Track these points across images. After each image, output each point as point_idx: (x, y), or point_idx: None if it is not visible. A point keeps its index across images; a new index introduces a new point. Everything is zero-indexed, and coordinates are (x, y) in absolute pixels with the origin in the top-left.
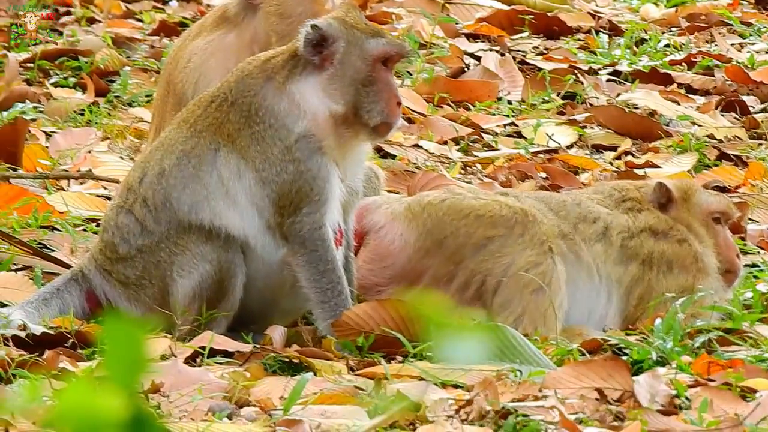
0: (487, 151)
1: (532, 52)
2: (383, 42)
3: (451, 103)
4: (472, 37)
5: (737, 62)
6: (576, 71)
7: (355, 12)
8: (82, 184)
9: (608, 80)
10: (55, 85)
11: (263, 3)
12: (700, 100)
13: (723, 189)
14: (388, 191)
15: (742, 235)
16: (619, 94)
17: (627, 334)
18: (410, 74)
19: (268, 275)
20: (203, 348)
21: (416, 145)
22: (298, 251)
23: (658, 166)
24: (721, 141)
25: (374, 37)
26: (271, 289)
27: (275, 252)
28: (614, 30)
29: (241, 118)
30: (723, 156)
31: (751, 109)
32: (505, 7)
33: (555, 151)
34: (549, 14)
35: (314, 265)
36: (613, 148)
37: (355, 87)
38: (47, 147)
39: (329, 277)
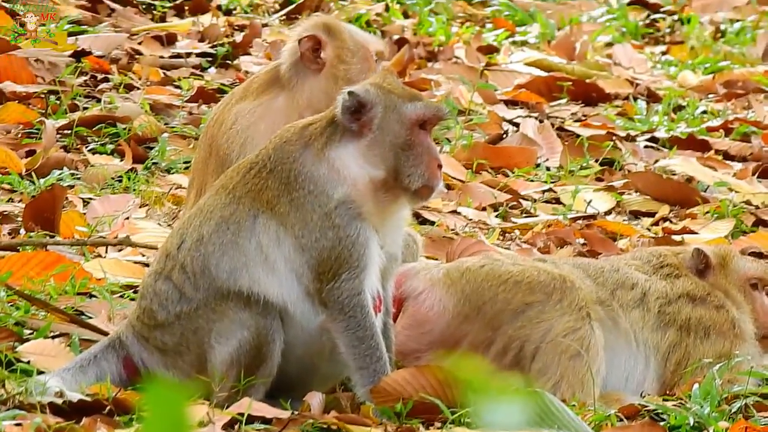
0: (525, 217)
1: (570, 118)
2: (420, 105)
3: (489, 170)
4: (511, 103)
5: None
6: (614, 137)
7: (392, 77)
8: (119, 251)
9: (646, 146)
10: (93, 151)
11: (328, 67)
12: (737, 166)
13: (760, 255)
14: (427, 257)
15: None
16: (657, 161)
17: (664, 400)
18: (449, 141)
19: (306, 341)
20: (241, 414)
21: (455, 212)
22: (336, 317)
23: (696, 232)
24: (758, 207)
25: (411, 101)
26: (310, 355)
27: (314, 318)
28: (652, 96)
29: (281, 184)
30: (760, 222)
31: None
32: (544, 74)
33: (593, 217)
34: (587, 81)
35: (353, 332)
36: (651, 214)
37: (395, 152)
38: (84, 214)
39: (368, 343)
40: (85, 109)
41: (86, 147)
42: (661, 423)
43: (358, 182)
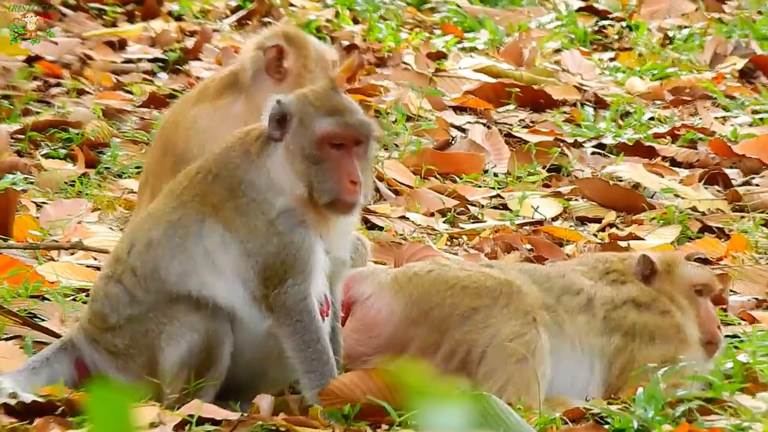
0: (473, 222)
1: (518, 124)
2: (329, 122)
3: (437, 176)
4: (459, 109)
5: (721, 136)
6: (561, 144)
7: (325, 86)
8: (72, 254)
9: (593, 153)
10: (46, 156)
11: (293, 76)
12: (684, 173)
13: (705, 261)
14: (375, 262)
15: (724, 307)
16: (603, 167)
17: (609, 404)
18: (397, 146)
19: (255, 345)
20: (191, 416)
21: (403, 217)
22: (283, 322)
23: (642, 239)
24: (704, 213)
25: (326, 116)
26: (258, 359)
27: (261, 323)
28: (600, 103)
29: (225, 190)
30: (706, 228)
31: (733, 182)
32: (492, 80)
33: (540, 223)
34: (535, 87)
35: (300, 336)
36: (598, 220)
37: (305, 167)
38: (38, 218)
39: (315, 347)
40: (37, 113)
41: (39, 151)
42: (606, 426)
43: (293, 192)
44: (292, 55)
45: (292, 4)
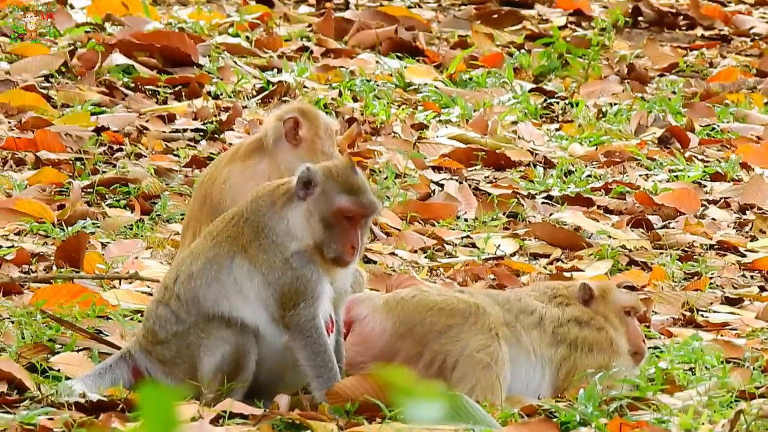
0: (448, 258)
1: (483, 180)
2: (348, 199)
3: (420, 221)
4: (437, 169)
5: (644, 189)
6: (518, 196)
7: (345, 166)
8: (130, 283)
9: (543, 203)
10: (110, 206)
11: (307, 142)
12: (615, 218)
13: (632, 288)
14: (371, 289)
15: (647, 324)
16: (551, 214)
17: (557, 401)
18: (388, 198)
19: (274, 356)
20: (225, 412)
21: (393, 253)
22: (297, 337)
23: (582, 270)
24: (631, 250)
25: (345, 194)
26: (277, 366)
27: (279, 338)
28: (548, 164)
29: (252, 232)
30: (632, 262)
31: (654, 225)
32: (463, 146)
33: (501, 258)
34: (497, 151)
35: (310, 348)
36: (547, 256)
37: (321, 227)
38: (103, 254)
39: (322, 357)
40: (104, 172)
41: (104, 202)
42: (554, 420)
43: (304, 239)
44: (305, 125)
45: (305, 86)
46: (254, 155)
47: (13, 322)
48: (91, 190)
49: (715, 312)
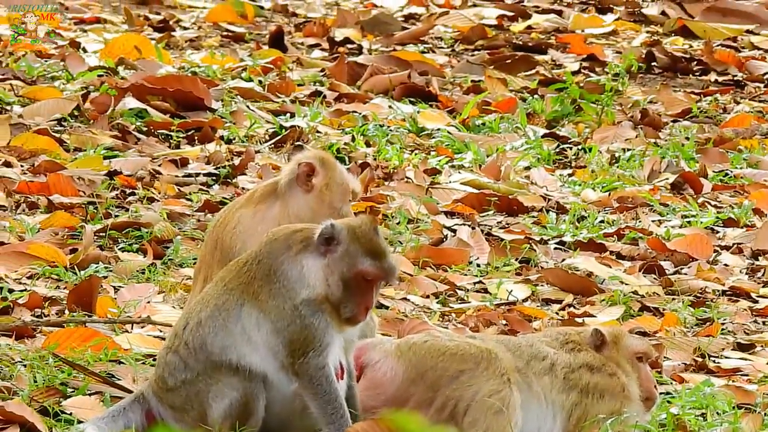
0: (460, 303)
1: (496, 226)
2: (370, 263)
3: (432, 266)
4: (450, 214)
5: (656, 235)
6: (530, 241)
7: (369, 227)
8: (142, 327)
9: (556, 248)
10: (122, 250)
11: (316, 191)
12: (627, 264)
13: (644, 334)
14: (383, 334)
15: (659, 370)
16: (563, 259)
17: None
18: (401, 243)
19: (282, 402)
20: None
21: (405, 298)
22: (307, 386)
23: (594, 316)
24: (643, 296)
25: (367, 257)
26: (285, 412)
27: (288, 385)
28: (561, 209)
29: (264, 275)
30: (644, 308)
31: (666, 271)
32: (476, 191)
33: (513, 303)
34: (510, 197)
35: (321, 397)
36: (559, 301)
37: (339, 284)
38: (115, 298)
39: (333, 404)
40: (116, 216)
41: (117, 246)
42: None
43: (316, 289)
44: (320, 173)
45: (317, 131)
46: (267, 199)
47: (25, 366)
48: (104, 234)
49: (726, 358)
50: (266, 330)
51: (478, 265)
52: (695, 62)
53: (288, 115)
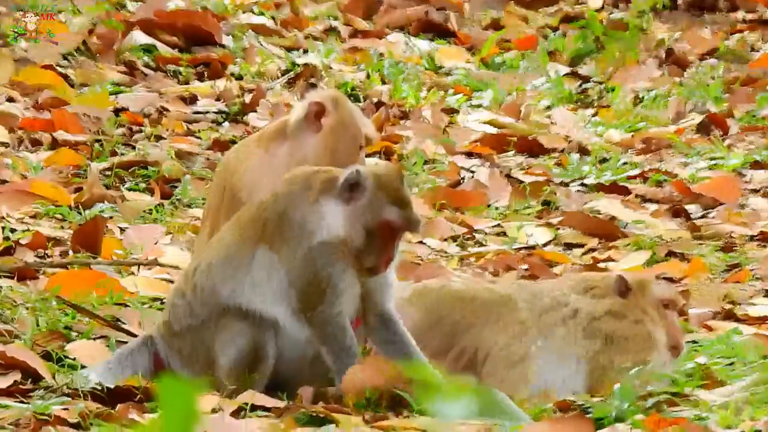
0: (478, 247)
1: (516, 167)
2: (395, 213)
3: (450, 208)
4: (468, 155)
5: (682, 178)
6: (551, 183)
7: (395, 176)
8: (149, 270)
9: (577, 191)
10: (129, 189)
11: (322, 133)
12: (652, 207)
13: (670, 280)
14: (399, 279)
15: (686, 318)
16: (586, 203)
17: (591, 397)
18: (417, 185)
19: (293, 349)
20: (246, 404)
21: (421, 242)
22: (321, 336)
23: (618, 261)
24: (668, 241)
25: (392, 206)
26: (296, 358)
27: (300, 332)
28: (583, 150)
29: (277, 217)
30: (670, 253)
31: (692, 215)
32: (495, 131)
33: (534, 248)
34: (530, 137)
35: (337, 347)
36: (581, 246)
37: (363, 233)
38: (121, 240)
39: (348, 353)
40: (122, 154)
41: (123, 185)
42: (588, 416)
43: (333, 233)
44: (331, 115)
45: (331, 68)
46: (276, 139)
47: (27, 309)
48: (110, 172)
49: (755, 305)
50: (279, 275)
51: (497, 208)
52: None
53: (301, 51)
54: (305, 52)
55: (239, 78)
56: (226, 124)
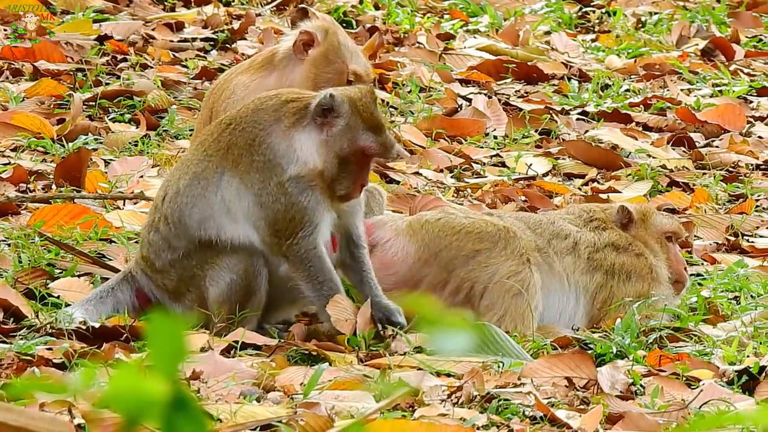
0: (476, 178)
1: (514, 95)
2: (371, 138)
3: (446, 138)
4: (465, 82)
5: (686, 105)
6: (551, 111)
7: (370, 99)
8: (135, 203)
9: (578, 119)
10: (113, 120)
11: (307, 63)
12: (655, 136)
13: (673, 211)
14: (393, 211)
15: (689, 250)
16: (586, 131)
17: (592, 332)
18: (412, 113)
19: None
20: (236, 342)
21: (417, 173)
22: (298, 268)
23: (619, 192)
24: (671, 170)
25: (368, 132)
26: (274, 284)
27: (274, 263)
28: (583, 77)
29: (246, 144)
30: (673, 183)
31: (696, 144)
32: (492, 57)
33: (533, 178)
34: (529, 63)
35: (314, 278)
36: (582, 176)
37: (337, 160)
38: (106, 172)
39: (328, 284)
40: (107, 84)
41: (108, 116)
42: (589, 351)
43: (308, 165)
44: (320, 46)
45: None
46: (264, 68)
47: (9, 245)
48: (94, 103)
49: (761, 237)
50: (248, 202)
51: (495, 137)
52: None
53: None
54: None
55: (227, 4)
56: (214, 52)
